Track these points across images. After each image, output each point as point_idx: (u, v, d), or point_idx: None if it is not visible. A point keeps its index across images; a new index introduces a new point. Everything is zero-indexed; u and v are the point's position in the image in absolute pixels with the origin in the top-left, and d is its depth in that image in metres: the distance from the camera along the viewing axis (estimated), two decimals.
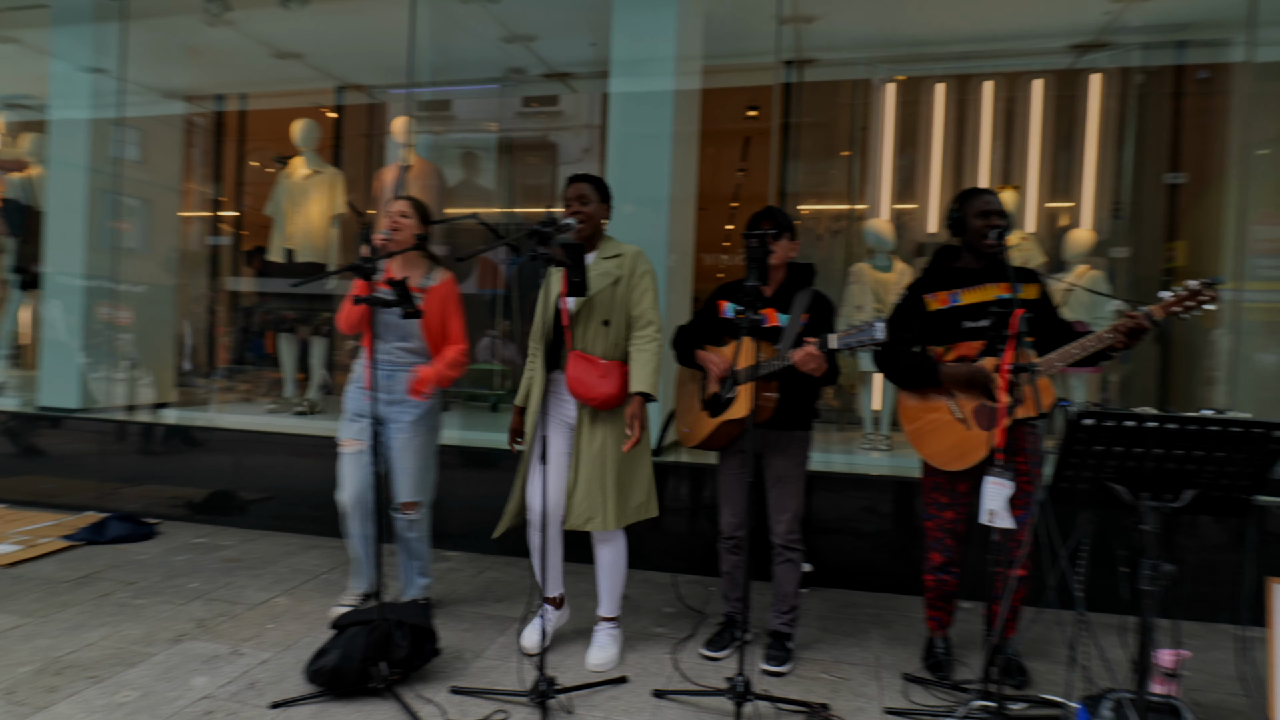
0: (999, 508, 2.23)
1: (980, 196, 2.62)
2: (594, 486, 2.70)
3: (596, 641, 2.83)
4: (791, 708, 2.45)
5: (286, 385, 5.41)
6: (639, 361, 2.70)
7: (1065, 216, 5.47)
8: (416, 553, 3.13)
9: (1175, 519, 3.25)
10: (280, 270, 5.24)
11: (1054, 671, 2.80)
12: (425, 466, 3.07)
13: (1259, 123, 4.21)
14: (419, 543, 3.12)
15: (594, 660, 2.76)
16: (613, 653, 2.80)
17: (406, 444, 3.01)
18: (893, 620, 3.30)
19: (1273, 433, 1.75)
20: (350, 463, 3.02)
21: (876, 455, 4.60)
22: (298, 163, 5.29)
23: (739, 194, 7.26)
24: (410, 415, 3.02)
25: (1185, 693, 2.65)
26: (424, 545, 3.14)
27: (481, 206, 6.56)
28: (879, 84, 5.60)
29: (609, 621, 2.86)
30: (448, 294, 3.05)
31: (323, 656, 2.49)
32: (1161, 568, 1.84)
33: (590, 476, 2.71)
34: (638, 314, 2.74)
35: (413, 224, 3.00)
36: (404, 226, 2.97)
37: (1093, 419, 1.79)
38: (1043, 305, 2.60)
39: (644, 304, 2.74)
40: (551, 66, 6.06)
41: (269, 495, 4.39)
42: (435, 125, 6.55)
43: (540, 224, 2.35)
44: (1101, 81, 5.27)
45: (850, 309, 4.81)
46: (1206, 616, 3.30)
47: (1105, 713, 2.10)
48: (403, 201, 3.03)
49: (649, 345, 2.71)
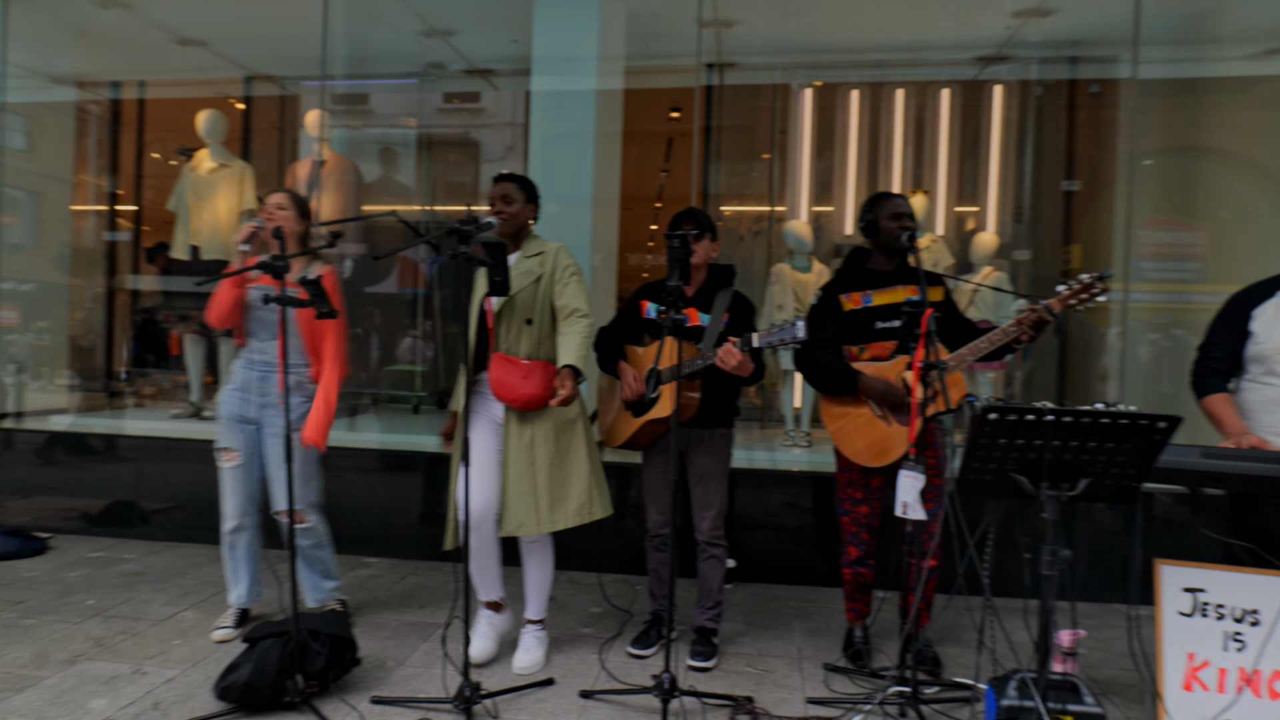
0: (912, 500, 2.33)
1: (890, 200, 2.72)
2: (524, 489, 2.66)
3: (523, 644, 2.81)
4: (717, 702, 2.49)
5: (193, 389, 5.16)
6: (567, 337, 2.60)
7: (972, 220, 5.74)
8: (315, 559, 3.02)
9: (1072, 507, 3.45)
10: (185, 268, 5.00)
11: (964, 655, 2.94)
12: (305, 472, 2.92)
13: (1143, 135, 4.52)
14: (316, 549, 3.01)
15: (520, 663, 2.74)
16: (538, 655, 2.78)
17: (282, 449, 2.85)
18: (814, 612, 3.39)
19: (1156, 424, 1.88)
20: (231, 477, 2.92)
21: (798, 452, 4.71)
22: (203, 155, 5.05)
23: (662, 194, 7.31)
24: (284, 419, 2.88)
25: (1082, 670, 2.82)
26: (320, 550, 3.03)
27: (400, 204, 6.40)
28: (797, 89, 5.73)
29: (535, 624, 2.84)
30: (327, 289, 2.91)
31: (233, 672, 2.38)
32: (1059, 553, 1.95)
33: (519, 479, 2.66)
34: (562, 304, 2.67)
35: (289, 216, 2.87)
36: (279, 219, 2.84)
37: (997, 413, 1.88)
38: (946, 307, 2.72)
39: (568, 294, 2.67)
40: (472, 62, 5.97)
41: (174, 505, 4.18)
42: (351, 119, 6.35)
43: (461, 222, 2.32)
44: (1003, 93, 5.54)
45: (771, 308, 4.92)
46: (1101, 597, 3.51)
47: (1011, 693, 2.21)
48: (280, 193, 2.90)
49: (578, 324, 2.62)
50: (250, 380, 2.90)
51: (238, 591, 3.01)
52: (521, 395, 2.64)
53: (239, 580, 3.01)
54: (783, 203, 5.89)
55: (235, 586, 3.02)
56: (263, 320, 2.88)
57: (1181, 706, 2.17)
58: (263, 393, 2.90)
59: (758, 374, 2.65)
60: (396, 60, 5.97)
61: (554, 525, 2.66)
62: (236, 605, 3.02)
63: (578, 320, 2.64)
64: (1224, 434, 2.37)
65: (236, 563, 3.00)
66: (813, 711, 2.47)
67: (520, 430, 2.68)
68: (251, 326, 2.90)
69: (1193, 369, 2.50)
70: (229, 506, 2.95)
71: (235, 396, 2.92)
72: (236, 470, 2.92)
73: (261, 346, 2.90)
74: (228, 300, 2.80)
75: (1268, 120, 4.95)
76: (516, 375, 2.64)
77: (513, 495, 2.66)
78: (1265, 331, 2.34)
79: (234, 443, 2.92)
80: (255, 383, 2.90)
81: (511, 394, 2.64)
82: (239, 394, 2.91)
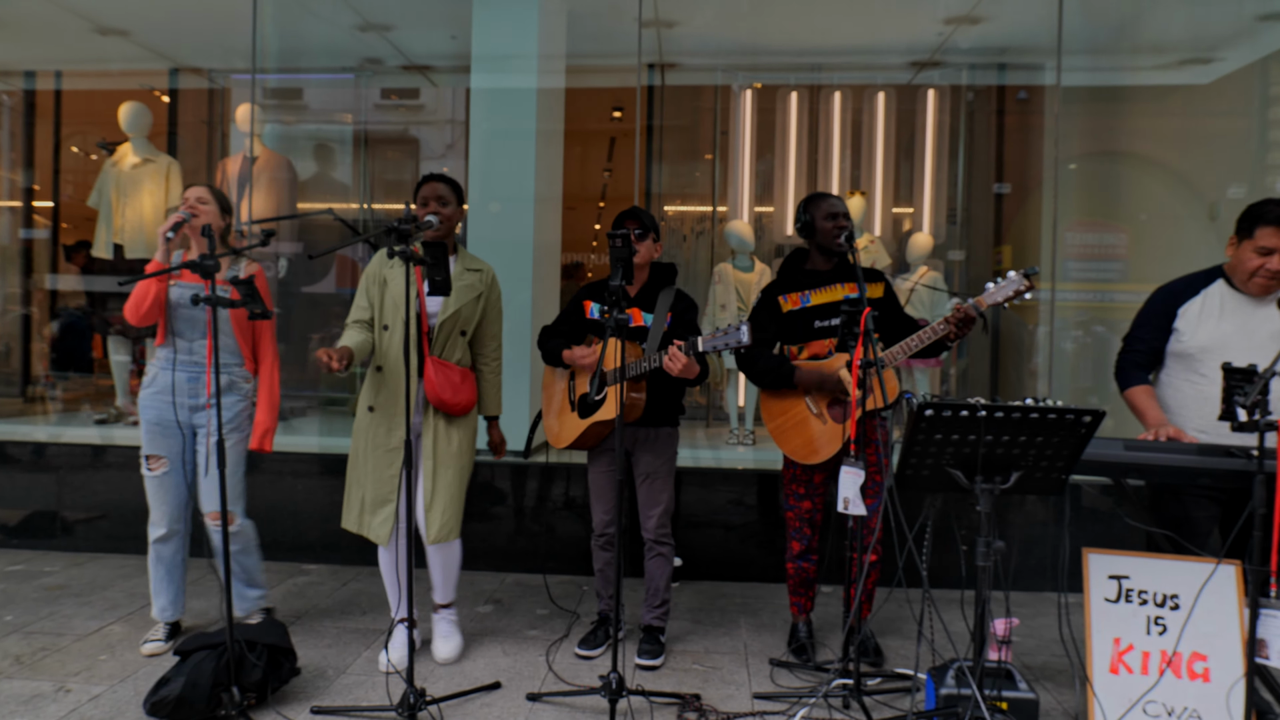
0: (853, 495, 2.37)
1: (825, 200, 2.77)
2: (454, 494, 2.70)
3: (439, 631, 2.81)
4: (664, 700, 2.50)
5: (119, 394, 4.93)
6: (493, 384, 2.86)
7: (908, 221, 5.89)
8: (241, 566, 2.92)
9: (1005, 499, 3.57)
10: (108, 267, 4.77)
11: (905, 646, 3.01)
12: (236, 474, 2.86)
13: (1067, 141, 4.70)
14: (243, 555, 2.92)
15: (442, 653, 2.76)
16: (457, 641, 2.82)
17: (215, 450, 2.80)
18: (760, 608, 3.43)
19: (1082, 419, 1.95)
20: (159, 484, 2.80)
21: (742, 450, 4.76)
22: (126, 150, 4.83)
23: (606, 194, 7.30)
24: None
25: (1017, 657, 2.92)
26: (247, 556, 2.94)
27: (337, 202, 6.24)
28: (738, 90, 5.80)
29: (447, 608, 2.85)
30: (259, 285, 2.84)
31: (164, 686, 2.29)
32: (994, 544, 2.02)
33: (449, 484, 2.69)
34: (491, 334, 2.85)
35: (212, 210, 2.77)
36: (202, 213, 2.74)
37: (933, 410, 1.93)
38: (888, 303, 2.79)
39: (496, 325, 2.87)
40: (411, 58, 5.86)
41: (99, 514, 3.99)
42: (285, 114, 6.16)
43: (399, 221, 2.27)
44: (936, 97, 5.71)
45: (714, 308, 4.96)
46: (1033, 586, 3.64)
47: (949, 681, 2.27)
48: (202, 188, 2.80)
49: (499, 368, 2.90)
50: (178, 383, 2.78)
51: (161, 603, 2.87)
52: (461, 400, 2.70)
53: (163, 591, 2.87)
54: (725, 203, 5.95)
55: (159, 597, 2.87)
56: (191, 320, 2.76)
57: (1108, 689, 2.26)
58: (194, 394, 2.79)
59: (702, 374, 2.67)
60: (332, 54, 5.82)
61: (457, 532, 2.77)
62: (162, 619, 2.89)
63: (499, 358, 2.90)
64: (1144, 424, 2.48)
65: (164, 573, 2.87)
66: (759, 706, 2.49)
67: (449, 435, 2.70)
68: (178, 326, 2.77)
69: (1117, 361, 2.60)
70: (157, 514, 2.83)
71: (159, 401, 2.78)
72: (165, 478, 2.80)
73: (189, 347, 2.78)
74: (148, 297, 2.66)
75: (1182, 127, 5.21)
76: (454, 380, 2.69)
77: (443, 501, 2.67)
78: (1190, 330, 2.45)
79: (161, 449, 2.80)
80: (184, 385, 2.78)
81: (453, 399, 2.66)
82: (162, 398, 2.78)
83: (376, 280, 2.74)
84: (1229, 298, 2.43)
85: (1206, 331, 2.42)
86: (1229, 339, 2.37)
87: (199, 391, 2.79)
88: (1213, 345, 2.39)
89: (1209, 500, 2.41)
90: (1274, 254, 2.32)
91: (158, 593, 2.88)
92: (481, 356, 2.84)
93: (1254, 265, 2.35)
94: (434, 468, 2.67)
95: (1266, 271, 2.33)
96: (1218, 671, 2.21)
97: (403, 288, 2.69)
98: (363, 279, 2.79)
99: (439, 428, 2.69)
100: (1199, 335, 2.43)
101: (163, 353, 2.80)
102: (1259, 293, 2.38)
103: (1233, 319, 2.40)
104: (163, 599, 2.88)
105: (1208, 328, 2.42)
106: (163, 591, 2.88)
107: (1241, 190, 4.84)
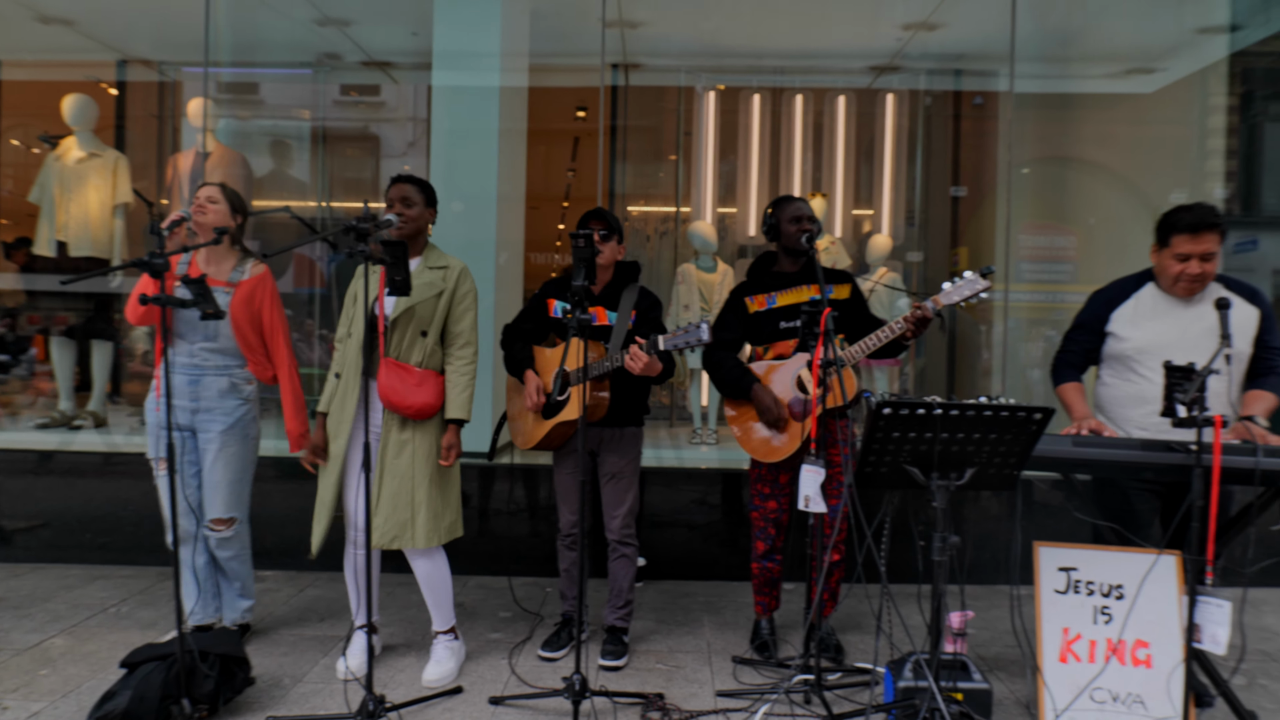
0: (813, 493, 2.41)
1: (791, 203, 2.81)
2: (400, 502, 2.58)
3: (434, 656, 2.73)
4: (628, 700, 2.50)
5: (62, 397, 4.78)
6: (457, 385, 2.65)
7: (868, 223, 5.98)
8: (234, 573, 2.87)
9: (960, 495, 3.65)
10: (51, 265, 4.61)
11: (865, 641, 3.06)
12: (241, 479, 2.82)
13: (1020, 145, 4.83)
14: (235, 562, 2.86)
15: (429, 676, 2.65)
16: (450, 667, 2.70)
17: (218, 455, 2.76)
18: (723, 607, 3.45)
19: (1033, 416, 2.01)
20: (166, 486, 2.74)
21: (705, 449, 4.79)
22: (70, 143, 4.68)
23: (570, 194, 7.28)
24: (221, 424, 2.77)
25: (971, 649, 2.99)
26: (242, 565, 2.89)
27: (294, 199, 6.12)
28: (701, 92, 5.83)
29: (446, 634, 2.75)
30: (258, 290, 2.78)
31: (110, 701, 2.22)
32: (949, 539, 2.06)
33: (396, 492, 2.58)
34: (457, 332, 2.69)
35: (222, 210, 2.74)
36: (211, 212, 2.71)
37: (891, 408, 1.97)
38: (854, 303, 2.83)
39: (464, 323, 2.69)
40: (370, 54, 5.77)
41: (39, 523, 3.86)
42: (239, 109, 6.02)
43: (358, 219, 2.24)
44: (894, 102, 5.80)
45: (678, 308, 4.98)
46: (987, 579, 3.73)
47: (907, 674, 2.32)
48: (213, 187, 2.77)
49: (467, 368, 2.67)
50: (180, 385, 2.74)
51: (190, 606, 2.83)
52: (415, 403, 2.57)
53: (189, 594, 2.82)
54: (688, 204, 5.97)
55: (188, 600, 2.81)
56: (191, 321, 2.72)
57: (1058, 677, 2.33)
58: (194, 397, 2.75)
59: (667, 373, 2.69)
60: (289, 49, 5.71)
61: (429, 541, 2.60)
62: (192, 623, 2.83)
63: (469, 359, 2.68)
64: (1071, 418, 2.57)
65: (189, 577, 2.82)
66: (722, 704, 2.51)
67: (401, 441, 2.60)
68: (179, 328, 2.72)
69: (1053, 360, 2.69)
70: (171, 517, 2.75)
71: (160, 404, 2.74)
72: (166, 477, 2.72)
73: (190, 349, 2.74)
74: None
75: (1127, 134, 5.39)
76: (410, 383, 2.57)
77: (387, 508, 2.58)
78: (1125, 332, 2.54)
79: (164, 451, 2.69)
80: (185, 387, 2.74)
81: (404, 401, 2.55)
82: (160, 400, 2.73)
83: (354, 298, 2.71)
84: (1160, 300, 2.53)
85: (1141, 334, 2.51)
86: (1163, 339, 2.46)
87: (199, 394, 2.75)
88: (1148, 346, 2.49)
89: (1150, 493, 2.51)
90: (1191, 259, 2.41)
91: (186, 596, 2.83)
92: (447, 356, 2.71)
93: (1175, 271, 2.44)
94: (380, 474, 2.59)
95: (1187, 276, 2.42)
96: (1159, 658, 2.29)
97: (371, 298, 2.65)
98: (346, 299, 2.76)
99: (391, 433, 2.61)
100: (1134, 338, 2.51)
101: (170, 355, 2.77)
102: (1184, 295, 2.48)
103: (1164, 320, 2.50)
104: (190, 602, 2.83)
105: (1142, 330, 2.51)
106: (189, 595, 2.83)
107: (1183, 195, 5.02)
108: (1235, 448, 2.16)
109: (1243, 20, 4.87)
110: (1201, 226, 2.37)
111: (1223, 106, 5.11)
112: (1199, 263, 2.40)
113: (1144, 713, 2.25)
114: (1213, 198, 5.04)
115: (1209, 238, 2.38)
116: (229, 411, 2.77)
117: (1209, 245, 2.38)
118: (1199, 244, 2.38)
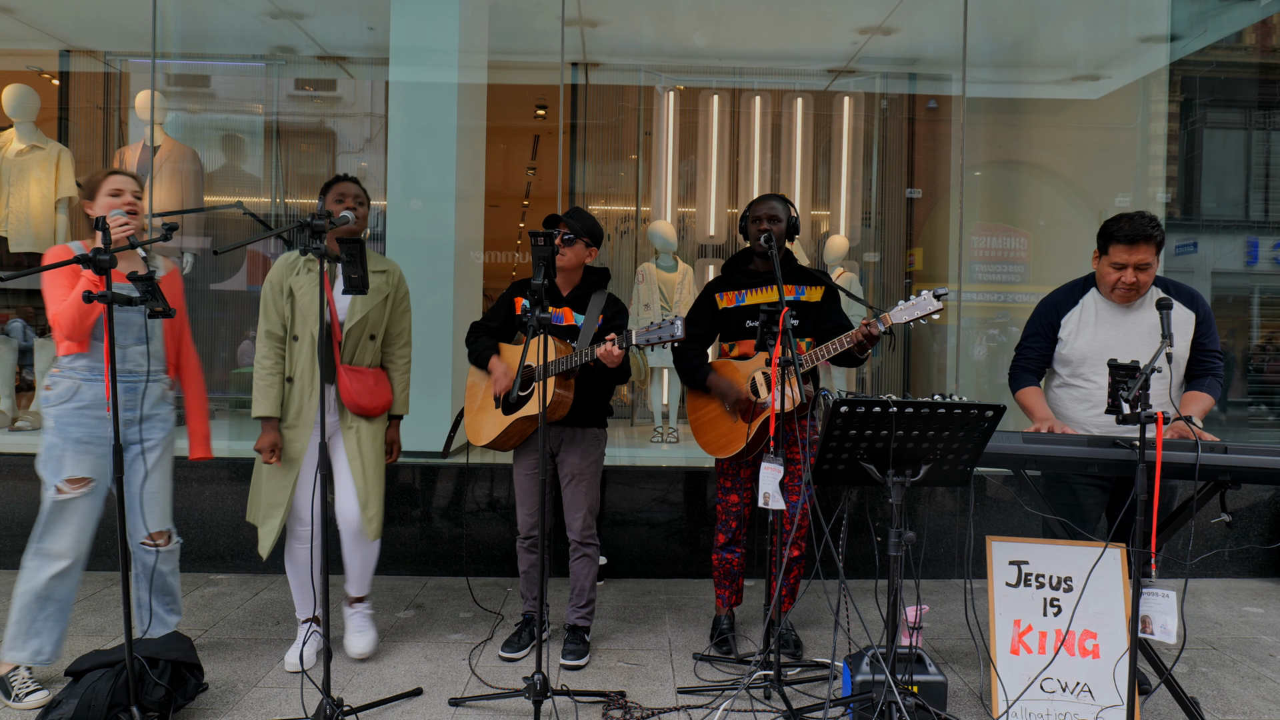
0: (772, 490, 2.44)
1: (761, 204, 2.85)
2: (379, 493, 2.73)
3: (353, 625, 2.79)
4: (589, 699, 2.50)
5: (2, 397, 4.60)
6: (400, 384, 2.82)
7: (825, 224, 6.06)
8: (168, 588, 2.70)
9: (915, 491, 3.73)
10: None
11: (823, 636, 3.10)
12: (169, 489, 2.68)
13: (972, 149, 4.94)
14: (173, 576, 2.72)
15: (357, 648, 2.76)
16: (372, 635, 2.82)
17: (156, 465, 2.60)
18: (684, 604, 3.47)
19: (985, 413, 2.06)
20: (77, 509, 2.45)
21: (666, 447, 4.81)
22: (9, 135, 4.52)
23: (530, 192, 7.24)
24: (161, 431, 2.62)
25: (926, 642, 3.05)
26: (175, 578, 2.73)
27: (247, 195, 5.98)
28: (662, 91, 5.84)
29: (362, 602, 2.83)
30: (172, 287, 2.63)
31: (54, 710, 2.15)
32: (905, 535, 2.10)
33: (376, 483, 2.72)
34: (397, 332, 2.82)
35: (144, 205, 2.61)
36: (142, 210, 2.57)
37: (848, 405, 2.00)
38: (825, 306, 2.85)
39: (404, 323, 2.84)
40: (326, 49, 5.67)
41: None
42: (189, 102, 5.86)
43: (313, 216, 2.20)
44: (851, 104, 5.89)
45: (638, 307, 4.99)
46: (941, 574, 3.81)
47: (864, 668, 2.36)
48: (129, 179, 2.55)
49: (408, 366, 2.85)
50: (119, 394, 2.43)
51: (36, 645, 2.43)
52: (380, 404, 2.72)
53: (45, 630, 2.44)
54: (648, 203, 5.99)
55: (36, 638, 2.43)
56: (125, 324, 2.47)
57: (1010, 668, 2.39)
58: (130, 407, 2.51)
59: (624, 373, 2.71)
60: (240, 41, 5.57)
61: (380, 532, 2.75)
62: (35, 663, 2.44)
63: (408, 357, 2.86)
64: (1033, 420, 2.64)
65: (54, 611, 2.46)
66: (683, 701, 2.53)
67: (361, 438, 2.70)
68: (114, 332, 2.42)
69: (1010, 367, 2.76)
70: (64, 544, 2.45)
71: (88, 416, 2.46)
72: (82, 501, 2.47)
73: (123, 354, 2.48)
74: (85, 308, 2.38)
75: (1075, 139, 5.55)
76: (369, 384, 2.69)
77: (376, 503, 2.71)
78: (1071, 338, 2.62)
79: (88, 469, 2.47)
80: (124, 396, 2.48)
81: (372, 403, 2.69)
82: (92, 413, 2.46)
83: (281, 291, 2.64)
84: (1102, 306, 2.61)
85: (1085, 340, 2.59)
86: (1107, 344, 2.55)
87: (136, 404, 2.52)
88: (1091, 353, 2.57)
89: (1097, 488, 2.59)
90: (1127, 268, 2.49)
91: (36, 633, 2.43)
92: (388, 355, 2.82)
93: (1112, 279, 2.53)
94: (363, 468, 2.68)
95: (1123, 284, 2.51)
96: (1106, 647, 2.36)
97: (310, 297, 2.62)
98: (265, 289, 2.66)
99: (360, 429, 2.69)
100: (1078, 344, 2.60)
101: (83, 362, 2.47)
102: (1121, 302, 2.57)
103: (1107, 325, 2.58)
104: (40, 640, 2.44)
105: (1086, 336, 2.59)
106: (45, 631, 2.44)
107: (1127, 199, 5.18)
108: (1177, 444, 2.24)
109: (1182, 31, 5.05)
110: (1138, 238, 2.45)
111: (1164, 113, 5.30)
112: (1134, 272, 2.48)
113: (1091, 701, 2.33)
114: (1155, 201, 5.22)
115: (1144, 249, 2.46)
116: (166, 419, 2.63)
117: (1144, 256, 2.46)
118: (1134, 254, 2.47)
